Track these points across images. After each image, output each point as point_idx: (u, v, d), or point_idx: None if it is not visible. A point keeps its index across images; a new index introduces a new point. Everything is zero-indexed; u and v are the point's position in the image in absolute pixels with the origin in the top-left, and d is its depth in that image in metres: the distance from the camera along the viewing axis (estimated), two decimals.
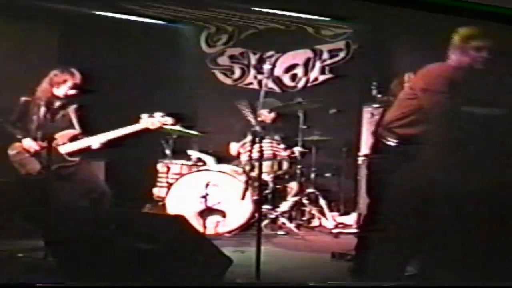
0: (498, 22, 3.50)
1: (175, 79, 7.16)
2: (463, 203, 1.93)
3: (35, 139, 4.57)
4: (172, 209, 5.36)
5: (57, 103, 4.66)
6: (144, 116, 4.70)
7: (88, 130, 4.68)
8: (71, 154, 4.56)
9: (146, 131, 4.71)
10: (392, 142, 3.33)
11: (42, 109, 4.57)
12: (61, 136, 4.55)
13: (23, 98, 4.65)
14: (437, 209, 1.90)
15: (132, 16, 6.43)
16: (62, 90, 4.63)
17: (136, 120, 4.75)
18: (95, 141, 4.62)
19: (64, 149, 4.57)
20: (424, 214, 1.90)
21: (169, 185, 5.58)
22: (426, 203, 1.89)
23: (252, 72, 7.15)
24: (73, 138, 4.55)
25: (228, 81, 7.28)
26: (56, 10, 5.80)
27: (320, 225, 5.91)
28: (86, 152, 4.70)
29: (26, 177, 4.60)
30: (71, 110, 4.65)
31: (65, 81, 4.63)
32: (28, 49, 6.00)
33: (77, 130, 4.61)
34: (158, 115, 4.74)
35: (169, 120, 4.78)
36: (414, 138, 3.01)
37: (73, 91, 4.64)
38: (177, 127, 5.60)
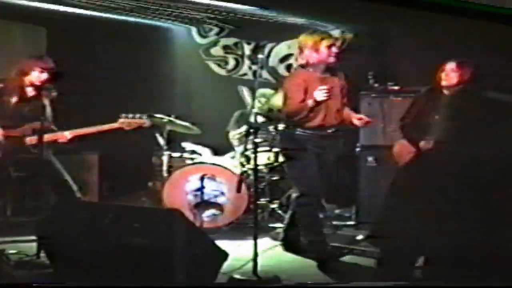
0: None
1: (168, 71, 7.10)
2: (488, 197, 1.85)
3: (2, 127, 4.49)
4: (167, 202, 5.29)
5: (30, 93, 4.57)
6: (122, 116, 4.59)
7: (59, 123, 4.60)
8: (35, 145, 4.44)
9: (120, 130, 4.61)
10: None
11: (14, 98, 4.50)
12: (28, 126, 4.44)
13: None
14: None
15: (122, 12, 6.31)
16: (31, 78, 4.54)
17: (114, 118, 4.64)
18: (63, 135, 4.53)
19: (29, 140, 4.48)
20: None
21: (164, 178, 5.51)
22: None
23: (247, 62, 7.07)
24: (41, 130, 4.41)
25: (222, 72, 7.20)
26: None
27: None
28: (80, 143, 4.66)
29: None
30: (46, 101, 4.54)
31: (33, 68, 4.52)
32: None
33: (47, 122, 4.48)
34: (137, 116, 4.63)
35: (147, 122, 4.67)
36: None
37: (43, 77, 4.53)
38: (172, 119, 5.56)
